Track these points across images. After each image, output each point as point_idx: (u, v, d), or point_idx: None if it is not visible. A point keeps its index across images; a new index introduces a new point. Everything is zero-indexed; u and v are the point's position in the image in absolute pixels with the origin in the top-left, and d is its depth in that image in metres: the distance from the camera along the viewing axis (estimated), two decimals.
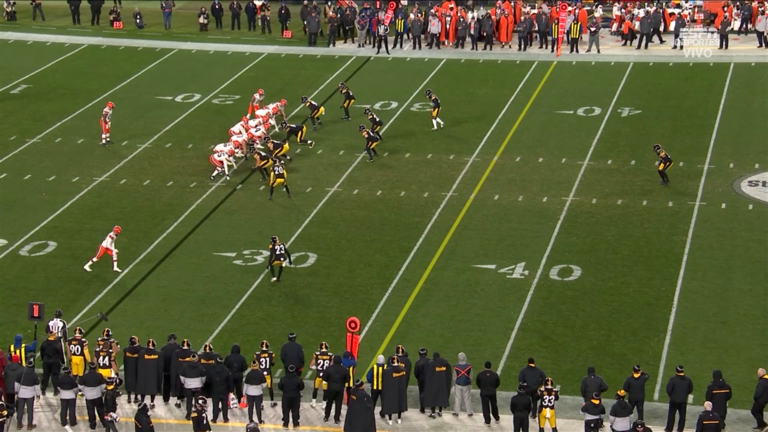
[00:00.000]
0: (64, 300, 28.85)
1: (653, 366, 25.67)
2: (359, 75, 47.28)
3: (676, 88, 44.57)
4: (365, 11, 51.71)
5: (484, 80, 46.11)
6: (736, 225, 32.79)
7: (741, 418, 23.70)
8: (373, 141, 37.84)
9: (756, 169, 36.49)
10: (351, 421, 23.46)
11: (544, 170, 36.84)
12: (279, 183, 34.98)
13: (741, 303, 28.65)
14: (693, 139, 39.14)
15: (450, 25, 50.37)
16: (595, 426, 23.05)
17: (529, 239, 32.18)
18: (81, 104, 43.77)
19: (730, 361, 25.41)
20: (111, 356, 24.80)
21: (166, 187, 36.26)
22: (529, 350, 26.14)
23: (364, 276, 30.46)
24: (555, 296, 29.19)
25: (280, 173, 34.90)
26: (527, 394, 23.45)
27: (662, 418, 23.76)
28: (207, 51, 51.17)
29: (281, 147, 37.15)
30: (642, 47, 49.10)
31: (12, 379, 24.34)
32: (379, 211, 34.40)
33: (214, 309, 28.92)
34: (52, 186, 36.66)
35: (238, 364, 24.83)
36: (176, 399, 25.04)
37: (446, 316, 28.39)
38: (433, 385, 24.33)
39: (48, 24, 55.47)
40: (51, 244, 32.73)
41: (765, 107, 42.10)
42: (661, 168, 35.17)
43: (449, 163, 37.73)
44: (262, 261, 31.24)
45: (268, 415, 24.63)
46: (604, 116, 41.59)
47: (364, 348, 25.62)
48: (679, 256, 30.91)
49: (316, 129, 40.41)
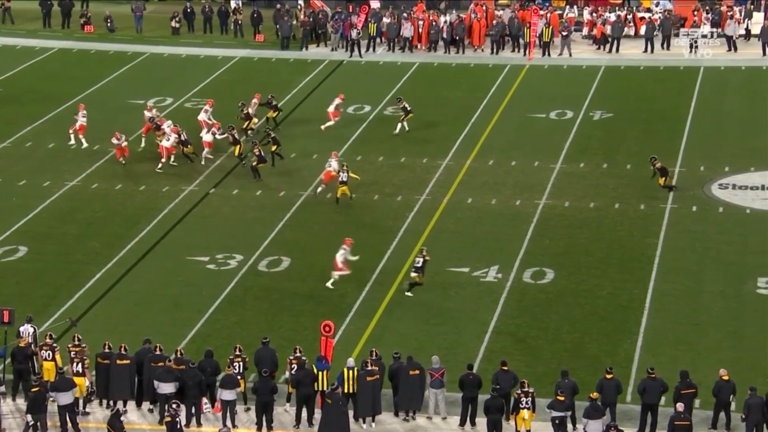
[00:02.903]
0: (35, 305, 28.61)
1: (626, 368, 25.76)
2: (332, 78, 47.26)
3: (648, 91, 44.82)
4: (338, 15, 51.70)
5: (457, 84, 46.20)
6: (707, 227, 32.98)
7: (709, 417, 23.78)
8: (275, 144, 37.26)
9: (726, 172, 36.72)
10: (326, 424, 23.43)
11: (517, 173, 36.94)
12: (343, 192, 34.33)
13: (712, 305, 28.82)
14: (664, 142, 39.35)
15: (423, 28, 50.45)
16: (561, 423, 23.13)
17: (503, 242, 32.25)
18: (52, 108, 43.50)
19: (701, 363, 25.54)
20: (85, 363, 24.66)
21: (139, 191, 36.10)
22: (503, 353, 26.16)
23: (339, 280, 30.39)
24: (528, 299, 29.25)
25: (344, 180, 34.27)
26: (500, 396, 23.50)
27: (635, 419, 23.85)
28: (179, 55, 51.00)
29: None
30: (614, 51, 49.35)
31: None
32: (353, 215, 34.37)
33: (187, 313, 28.79)
34: (23, 190, 36.42)
35: (212, 369, 24.74)
36: (149, 404, 24.91)
37: (420, 320, 28.39)
38: (407, 388, 24.33)
39: (17, 27, 55.15)
40: (22, 248, 32.50)
41: (735, 110, 42.42)
42: (662, 182, 34.54)
43: (423, 166, 37.77)
44: (235, 265, 31.14)
45: (241, 419, 24.54)
46: (576, 120, 41.75)
47: (338, 352, 25.57)
48: (651, 259, 31.06)
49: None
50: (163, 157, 37.34)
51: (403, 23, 50.57)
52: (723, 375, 23.71)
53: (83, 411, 24.70)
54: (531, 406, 23.33)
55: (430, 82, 46.60)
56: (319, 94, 45.25)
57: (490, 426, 23.36)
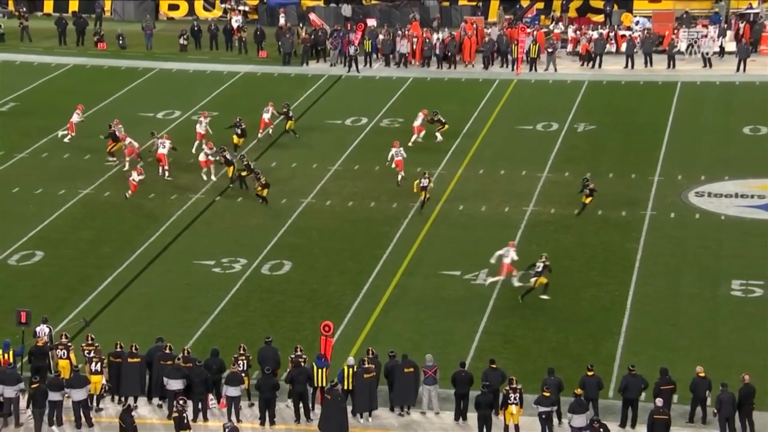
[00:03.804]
0: (50, 307, 28.58)
1: (608, 366, 25.76)
2: (331, 92, 47.29)
3: (628, 105, 44.86)
4: (337, 33, 51.77)
5: (449, 97, 46.19)
6: (685, 233, 33.00)
7: (686, 412, 23.78)
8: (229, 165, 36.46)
9: (702, 181, 36.76)
10: (326, 419, 23.43)
11: (506, 182, 36.95)
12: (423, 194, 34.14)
13: (690, 306, 28.83)
14: (644, 152, 39.38)
15: (417, 45, 50.52)
16: (547, 417, 23.13)
17: (492, 247, 32.14)
18: (67, 121, 43.29)
19: (679, 362, 25.52)
20: (103, 363, 24.66)
21: (148, 199, 36.07)
22: (493, 352, 26.15)
23: (337, 282, 30.40)
24: (516, 301, 29.23)
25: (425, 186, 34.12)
26: (490, 392, 23.50)
27: (617, 414, 23.85)
28: (187, 70, 51.01)
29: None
30: (596, 66, 49.42)
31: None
32: (351, 221, 34.37)
33: (193, 315, 28.76)
34: (39, 199, 36.39)
35: (217, 367, 24.75)
36: (158, 400, 24.89)
37: (414, 320, 28.37)
38: (401, 385, 24.32)
39: (35, 45, 55.16)
40: (38, 253, 32.46)
41: (710, 123, 42.46)
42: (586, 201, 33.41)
43: (416, 175, 37.70)
44: (239, 269, 31.12)
45: (245, 414, 24.52)
46: (562, 131, 41.79)
47: (337, 351, 25.55)
48: (632, 263, 31.06)
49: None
50: (164, 164, 37.31)
51: (398, 40, 50.65)
52: (699, 372, 23.74)
53: (97, 407, 24.67)
54: (519, 402, 23.33)
55: (424, 95, 46.61)
56: (318, 107, 45.30)
57: (481, 421, 23.36)
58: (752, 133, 41.08)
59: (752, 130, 41.37)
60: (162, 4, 61.35)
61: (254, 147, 40.03)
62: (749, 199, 35.23)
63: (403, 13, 56.60)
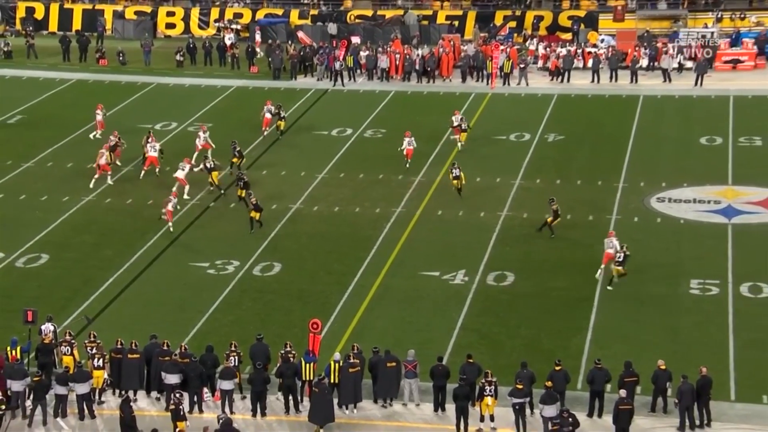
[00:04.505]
0: (55, 306, 28.42)
1: (576, 360, 25.79)
2: (318, 105, 47.24)
3: (595, 117, 44.98)
4: (323, 49, 51.75)
5: (429, 109, 46.21)
6: (647, 236, 33.10)
7: (648, 402, 23.86)
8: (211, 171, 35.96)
9: (663, 188, 36.88)
10: (314, 411, 23.38)
11: (482, 189, 36.97)
12: (457, 183, 34.93)
13: (652, 304, 28.89)
14: (609, 161, 39.50)
15: (399, 61, 50.57)
16: (520, 408, 23.15)
17: (469, 249, 32.26)
18: (70, 132, 43.33)
19: (643, 356, 25.55)
20: (105, 359, 24.55)
21: (147, 205, 35.92)
22: (470, 347, 26.15)
23: (324, 283, 30.35)
24: (491, 299, 29.25)
25: (457, 175, 34.88)
26: (467, 385, 23.48)
27: (585, 404, 23.87)
28: (183, 84, 50.85)
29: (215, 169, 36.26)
30: (565, 81, 49.55)
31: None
32: (337, 225, 34.32)
33: (190, 313, 28.64)
34: (44, 205, 36.19)
35: (212, 362, 24.67)
36: (156, 393, 24.78)
37: (396, 318, 28.35)
38: (384, 378, 24.29)
39: (41, 62, 54.90)
40: (44, 256, 32.29)
41: (670, 134, 42.62)
42: (550, 221, 32.61)
43: (398, 182, 37.76)
44: (232, 270, 31.03)
45: (238, 407, 24.44)
46: (533, 141, 41.86)
47: (324, 347, 25.49)
48: (598, 263, 31.08)
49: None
50: (156, 165, 37.44)
51: (379, 56, 50.69)
52: (660, 365, 23.80)
53: (99, 400, 24.54)
54: (494, 394, 23.33)
55: (405, 108, 46.62)
56: (306, 118, 45.22)
57: (458, 412, 23.33)
58: (709, 144, 41.26)
59: (708, 140, 41.56)
60: (159, 23, 61.18)
61: (259, 143, 39.97)
62: (706, 205, 35.37)
63: (386, 31, 56.65)
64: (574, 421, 22.23)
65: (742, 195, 35.94)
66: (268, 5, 61.26)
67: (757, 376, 25.15)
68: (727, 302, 28.70)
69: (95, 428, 23.78)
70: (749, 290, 29.31)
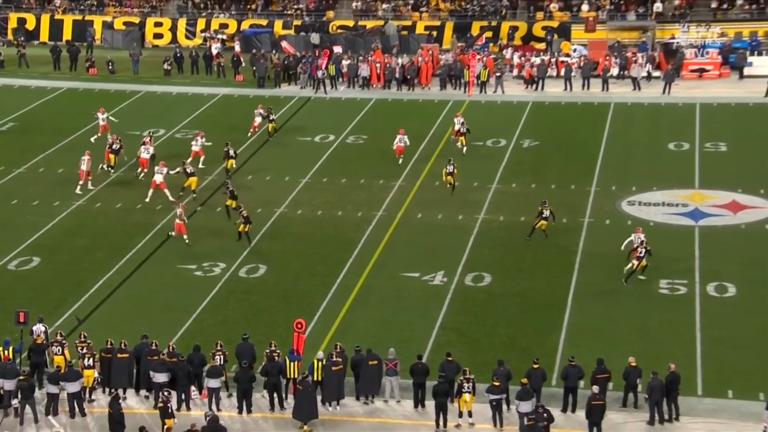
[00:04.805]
0: (47, 308, 28.26)
1: (551, 357, 25.88)
2: (302, 112, 47.19)
3: (568, 123, 45.13)
4: (306, 58, 51.72)
5: (408, 116, 46.25)
6: (619, 238, 33.11)
7: (620, 398, 23.96)
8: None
9: (633, 191, 37.05)
10: (298, 407, 23.35)
11: (460, 192, 37.03)
12: (451, 180, 35.52)
13: (623, 303, 29.02)
14: (582, 165, 39.64)
15: (380, 70, 50.60)
16: (497, 404, 23.20)
17: (448, 251, 32.30)
18: (61, 139, 43.12)
19: (614, 353, 25.65)
20: (95, 358, 24.44)
21: (136, 209, 35.78)
22: (449, 346, 26.19)
23: (308, 284, 30.32)
24: (470, 299, 29.30)
25: (451, 171, 35.53)
26: (446, 382, 23.51)
27: (559, 400, 23.96)
28: (170, 93, 50.69)
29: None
30: (539, 89, 49.72)
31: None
32: (321, 228, 34.29)
33: (177, 314, 28.55)
34: (36, 209, 35.99)
35: (199, 361, 24.59)
36: (145, 391, 24.68)
37: (378, 318, 28.35)
38: (366, 376, 24.30)
39: (32, 71, 54.61)
40: (35, 259, 32.11)
41: (640, 139, 42.82)
42: (539, 225, 32.24)
43: (379, 186, 37.79)
44: (219, 272, 30.95)
45: (224, 404, 24.37)
46: (509, 147, 41.97)
47: (308, 346, 25.47)
48: (572, 264, 31.25)
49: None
50: (144, 168, 37.29)
51: (360, 65, 50.73)
52: (631, 362, 23.91)
53: (89, 399, 24.42)
54: (472, 391, 23.36)
55: (385, 115, 46.64)
56: (290, 125, 45.14)
57: (438, 408, 23.36)
58: (676, 149, 41.50)
59: (676, 146, 41.80)
60: (147, 33, 60.96)
61: (245, 149, 39.93)
62: (675, 207, 35.57)
63: (366, 41, 56.67)
64: (549, 416, 22.31)
65: (709, 198, 36.16)
66: (253, 16, 61.19)
67: (723, 371, 25.32)
68: (695, 301, 28.86)
69: (86, 425, 23.68)
70: (715, 290, 29.49)
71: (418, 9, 60.47)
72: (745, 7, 56.38)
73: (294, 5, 61.91)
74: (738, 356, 25.96)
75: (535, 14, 58.82)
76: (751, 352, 26.17)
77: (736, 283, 29.65)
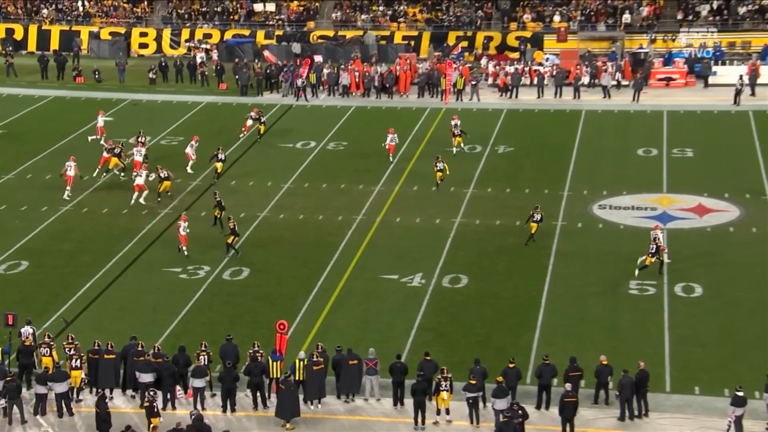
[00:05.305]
0: (35, 310, 28.07)
1: (526, 356, 25.94)
2: (284, 119, 47.12)
3: (541, 130, 45.30)
4: (287, 67, 51.67)
5: (387, 123, 46.14)
6: (590, 240, 33.40)
7: (591, 395, 24.07)
8: None
9: (604, 195, 37.24)
10: (281, 406, 23.29)
11: (437, 197, 37.10)
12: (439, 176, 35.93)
13: (594, 304, 29.15)
14: (555, 171, 39.80)
15: (359, 78, 50.61)
16: (474, 402, 23.24)
17: (426, 254, 32.34)
18: (49, 146, 42.87)
19: (586, 352, 25.76)
20: (82, 359, 24.29)
21: (122, 214, 35.61)
22: (426, 345, 26.21)
23: (290, 286, 30.27)
24: (447, 300, 29.35)
25: (441, 168, 36.00)
26: (424, 381, 23.53)
27: (533, 398, 24.03)
28: (155, 101, 50.50)
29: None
30: (513, 97, 49.88)
31: None
32: (302, 232, 34.25)
33: (163, 315, 28.43)
34: (24, 214, 35.75)
35: (184, 361, 24.52)
36: (131, 391, 24.55)
37: (358, 318, 28.34)
38: (347, 375, 24.28)
39: (20, 80, 54.29)
40: (24, 263, 31.89)
41: (610, 145, 43.04)
42: (531, 227, 32.36)
43: (359, 191, 37.79)
44: (203, 275, 30.85)
45: (209, 403, 24.28)
46: (485, 153, 42.08)
47: (290, 346, 25.42)
48: (545, 266, 31.35)
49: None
50: (137, 169, 37.00)
51: (340, 74, 50.72)
52: (602, 360, 24.03)
53: (77, 399, 24.27)
54: (449, 389, 23.40)
55: (365, 122, 46.66)
56: (272, 132, 45.02)
57: (416, 406, 23.37)
58: (645, 155, 41.74)
59: (645, 151, 42.05)
60: (133, 42, 60.78)
61: (230, 154, 39.82)
62: (644, 211, 35.78)
63: (346, 50, 56.72)
64: (524, 413, 22.37)
65: (676, 202, 36.40)
66: (236, 26, 61.08)
67: (690, 369, 25.48)
68: (663, 301, 29.03)
69: (73, 425, 23.53)
70: (683, 290, 29.68)
71: (396, 20, 60.62)
72: (709, 19, 56.87)
73: (276, 16, 61.87)
74: (704, 354, 26.14)
75: (509, 25, 59.06)
76: (717, 350, 26.35)
77: (702, 284, 29.85)
